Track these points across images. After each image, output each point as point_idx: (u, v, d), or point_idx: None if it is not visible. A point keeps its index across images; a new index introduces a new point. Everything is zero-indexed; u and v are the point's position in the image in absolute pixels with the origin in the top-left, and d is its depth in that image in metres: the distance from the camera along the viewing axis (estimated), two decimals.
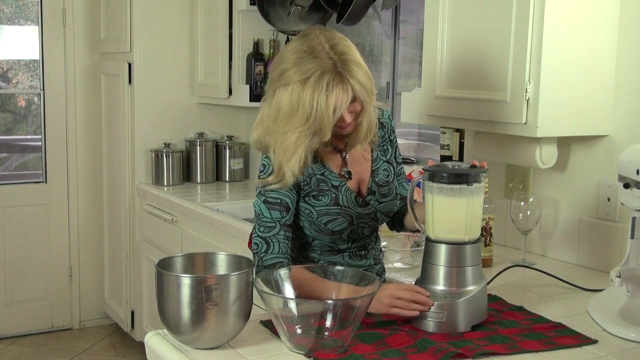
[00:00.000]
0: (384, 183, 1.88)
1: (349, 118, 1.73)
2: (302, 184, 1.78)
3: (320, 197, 1.79)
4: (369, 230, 1.89)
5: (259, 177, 1.81)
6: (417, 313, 1.61)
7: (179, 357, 1.46)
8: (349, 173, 1.84)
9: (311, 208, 1.79)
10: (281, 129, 1.70)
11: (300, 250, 1.88)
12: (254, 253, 1.78)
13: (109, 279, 4.35)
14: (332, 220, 1.80)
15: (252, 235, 1.81)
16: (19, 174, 4.52)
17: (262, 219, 1.77)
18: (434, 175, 1.64)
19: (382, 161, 1.90)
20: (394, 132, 1.97)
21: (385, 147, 1.93)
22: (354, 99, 1.70)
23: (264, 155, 1.80)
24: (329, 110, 1.66)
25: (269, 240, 1.76)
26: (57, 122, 4.27)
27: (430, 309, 1.60)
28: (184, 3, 3.93)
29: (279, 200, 1.76)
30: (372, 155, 1.90)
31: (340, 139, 1.84)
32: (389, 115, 1.97)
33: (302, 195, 1.80)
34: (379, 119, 1.91)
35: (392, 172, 1.92)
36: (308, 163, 1.74)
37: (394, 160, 1.94)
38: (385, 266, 2.23)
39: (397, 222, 2.02)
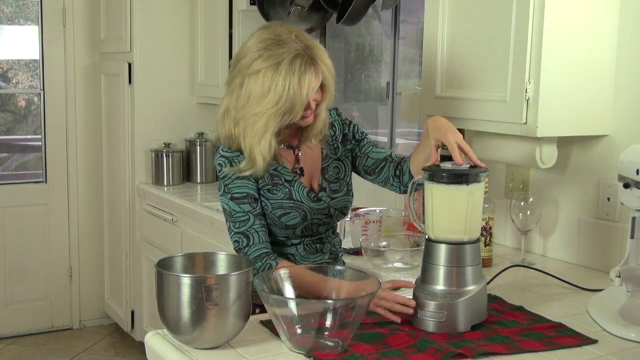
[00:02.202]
0: (334, 179, 1.94)
1: (313, 105, 1.80)
2: (257, 178, 1.84)
3: (274, 191, 1.85)
4: (325, 227, 1.94)
5: (218, 178, 1.85)
6: (398, 319, 1.63)
7: (179, 357, 1.46)
8: (301, 169, 1.91)
9: (266, 201, 1.85)
10: (252, 111, 1.74)
11: None
12: (236, 251, 1.82)
13: (109, 279, 4.35)
14: (286, 214, 1.85)
15: (230, 235, 1.83)
16: (19, 174, 4.52)
17: (234, 216, 1.82)
18: (433, 175, 1.64)
19: (332, 159, 1.96)
20: (346, 125, 2.00)
21: (335, 145, 1.98)
22: (321, 85, 1.78)
23: (218, 155, 1.84)
24: (302, 92, 1.73)
25: (247, 233, 1.80)
26: (57, 122, 4.27)
27: (413, 310, 1.62)
28: (184, 3, 3.93)
29: (245, 194, 1.82)
30: (322, 154, 1.95)
31: (294, 135, 1.91)
32: (337, 110, 2.01)
33: (258, 189, 1.85)
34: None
35: (343, 169, 1.97)
36: (275, 148, 1.79)
37: (345, 157, 1.98)
38: (385, 266, 2.23)
39: (404, 182, 1.97)
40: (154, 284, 1.53)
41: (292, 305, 1.45)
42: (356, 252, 2.41)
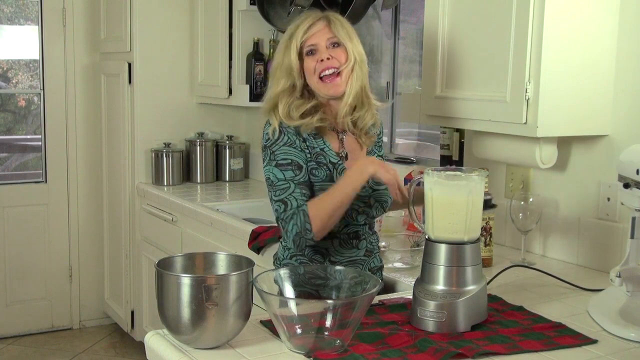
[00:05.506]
0: None
1: (325, 54, 1.84)
2: (306, 151, 1.86)
3: (316, 172, 1.85)
4: (363, 218, 1.93)
5: (266, 146, 1.87)
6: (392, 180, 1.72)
7: (179, 357, 1.46)
8: (347, 154, 1.92)
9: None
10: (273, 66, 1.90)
11: None
12: (277, 220, 1.81)
13: (109, 278, 4.35)
14: None
15: (272, 205, 1.83)
16: (19, 174, 4.52)
17: (277, 184, 1.81)
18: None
19: (375, 154, 2.00)
20: (382, 134, 2.08)
21: (379, 143, 2.03)
22: (337, 44, 1.85)
23: (267, 125, 1.89)
24: (298, 33, 1.83)
25: (286, 200, 1.79)
26: (57, 122, 4.27)
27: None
28: (184, 3, 3.93)
29: (289, 161, 1.82)
30: (366, 149, 1.98)
31: (335, 117, 1.93)
32: (381, 123, 2.08)
33: (306, 160, 1.86)
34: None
35: None
36: (295, 115, 1.85)
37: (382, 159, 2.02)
38: (385, 266, 2.23)
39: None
40: (154, 284, 1.53)
41: (292, 305, 1.45)
42: None
